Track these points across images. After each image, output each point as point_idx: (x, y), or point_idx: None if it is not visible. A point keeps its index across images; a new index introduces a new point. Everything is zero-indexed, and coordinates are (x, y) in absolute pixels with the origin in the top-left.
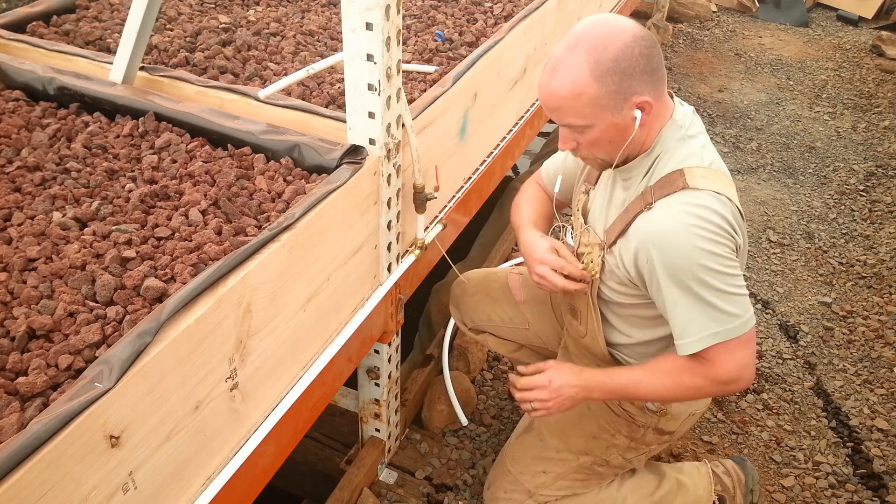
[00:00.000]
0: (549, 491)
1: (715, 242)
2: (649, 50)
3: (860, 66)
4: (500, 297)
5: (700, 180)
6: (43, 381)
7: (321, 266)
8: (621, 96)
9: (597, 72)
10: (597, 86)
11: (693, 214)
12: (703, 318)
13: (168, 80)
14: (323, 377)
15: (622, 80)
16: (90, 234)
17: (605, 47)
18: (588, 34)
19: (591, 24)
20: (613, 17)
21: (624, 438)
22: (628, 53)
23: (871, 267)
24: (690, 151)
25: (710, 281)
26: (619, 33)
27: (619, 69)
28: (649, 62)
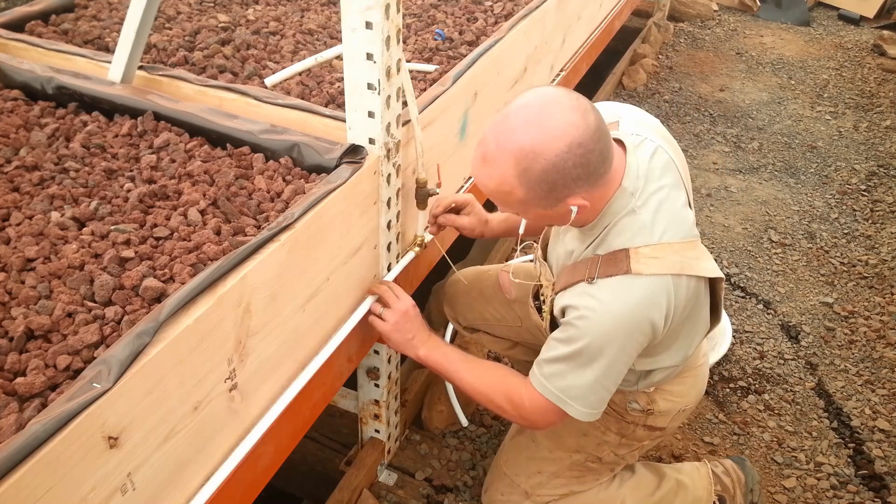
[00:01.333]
0: (546, 490)
1: (629, 342)
2: (586, 157)
3: (862, 65)
4: (491, 296)
5: (645, 263)
6: (41, 381)
7: (321, 266)
8: (552, 199)
9: (524, 179)
10: (524, 190)
11: (627, 307)
12: (571, 380)
13: (167, 80)
14: (322, 377)
15: (552, 190)
16: (89, 234)
17: (534, 157)
18: (518, 133)
19: (524, 120)
20: (555, 110)
21: (614, 435)
22: (560, 166)
23: (872, 267)
24: (639, 225)
25: (598, 365)
26: (552, 140)
27: (549, 180)
28: (586, 168)
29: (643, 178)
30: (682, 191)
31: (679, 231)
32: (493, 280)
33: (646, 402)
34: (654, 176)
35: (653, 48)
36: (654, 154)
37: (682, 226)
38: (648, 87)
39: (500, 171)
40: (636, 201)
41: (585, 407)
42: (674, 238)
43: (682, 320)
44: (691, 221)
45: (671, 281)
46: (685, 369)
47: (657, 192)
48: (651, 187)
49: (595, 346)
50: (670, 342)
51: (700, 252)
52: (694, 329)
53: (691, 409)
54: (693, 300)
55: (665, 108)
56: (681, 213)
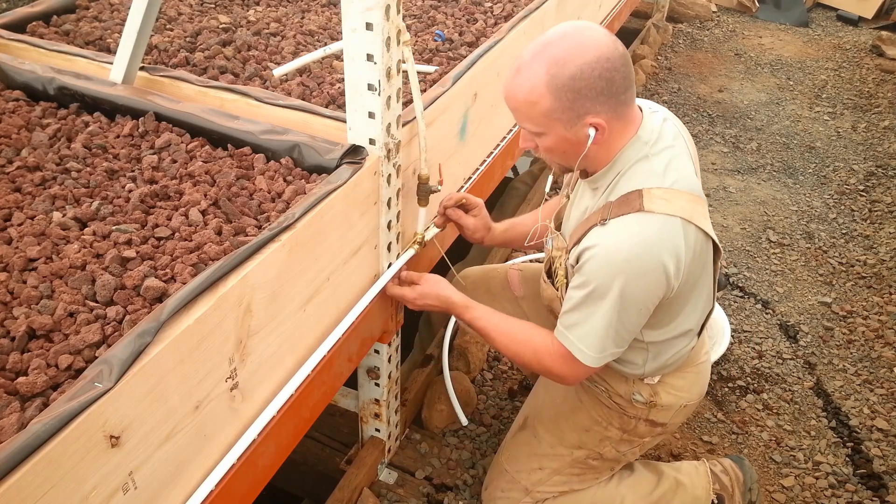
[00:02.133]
0: (546, 487)
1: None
2: (611, 73)
3: (860, 66)
4: (499, 293)
5: (658, 202)
6: (43, 381)
7: (321, 266)
8: (574, 114)
9: (552, 85)
10: (551, 99)
11: (637, 243)
12: (586, 328)
13: (168, 80)
14: (323, 377)
15: (576, 99)
16: (90, 234)
17: (565, 63)
18: (554, 44)
19: (562, 34)
20: (587, 31)
21: (616, 430)
22: (587, 74)
23: (871, 267)
24: (651, 170)
25: (610, 304)
26: (583, 51)
27: (575, 87)
28: (609, 85)
29: (657, 133)
30: (690, 161)
31: (689, 184)
32: (501, 277)
33: (649, 395)
34: (667, 136)
35: (652, 49)
36: (665, 122)
37: (692, 182)
38: (647, 87)
39: (532, 78)
40: (650, 149)
41: (593, 350)
42: (684, 188)
43: (693, 277)
44: (697, 182)
45: (681, 224)
46: (687, 364)
47: (669, 148)
48: (664, 141)
49: (606, 282)
50: (679, 307)
51: (707, 213)
52: (701, 296)
53: (693, 406)
54: (703, 257)
55: None
56: (690, 173)
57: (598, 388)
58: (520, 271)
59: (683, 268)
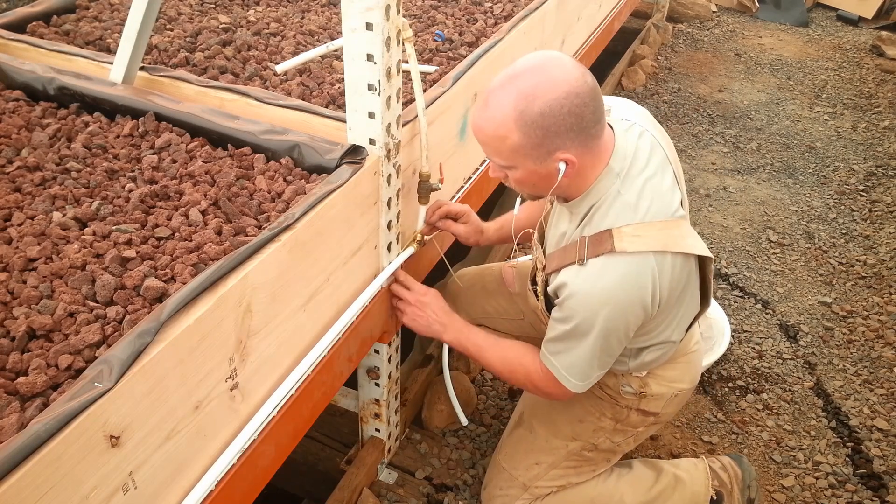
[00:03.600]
0: (544, 482)
1: (619, 318)
2: (581, 109)
3: (860, 66)
4: (494, 290)
5: (628, 241)
6: (43, 381)
7: (321, 266)
8: (544, 150)
9: (521, 122)
10: (519, 135)
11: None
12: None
13: (168, 80)
14: (323, 377)
15: (546, 136)
16: (90, 234)
17: (534, 98)
18: (523, 77)
19: (531, 66)
20: (557, 64)
21: (609, 420)
22: (556, 111)
23: (871, 267)
24: (623, 205)
25: (592, 341)
26: (552, 86)
27: (544, 125)
28: (579, 121)
29: (630, 158)
30: (669, 171)
31: (663, 210)
32: (496, 275)
33: (639, 386)
34: (642, 157)
35: (652, 49)
36: (641, 137)
37: (667, 206)
38: (647, 87)
39: (500, 112)
40: (621, 183)
41: (578, 379)
42: (657, 217)
43: (673, 298)
44: (677, 202)
45: (654, 258)
46: (677, 354)
47: (643, 171)
48: (637, 167)
49: (586, 322)
50: (661, 320)
51: (686, 231)
52: (684, 308)
53: (686, 395)
54: (682, 278)
55: (664, 109)
56: (666, 194)
57: None
58: (514, 268)
59: (660, 296)
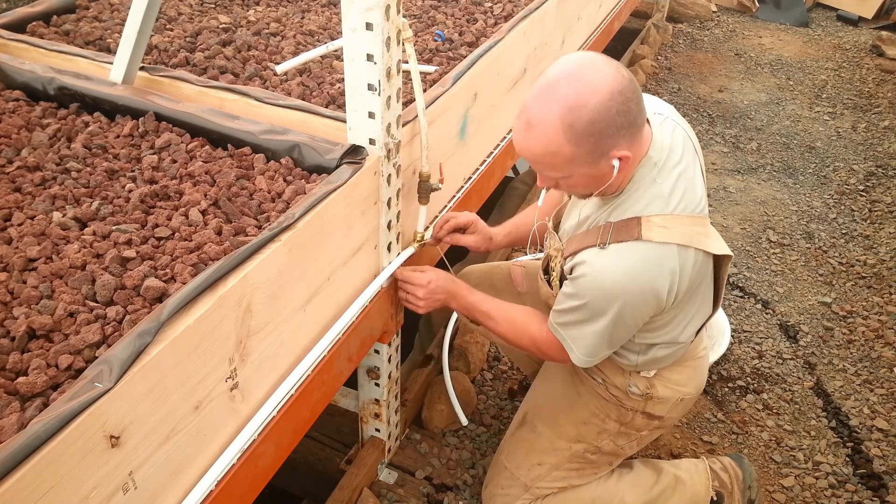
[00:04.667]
0: (545, 483)
1: (632, 306)
2: (626, 104)
3: (860, 66)
4: (502, 288)
5: (656, 231)
6: (43, 381)
7: (321, 266)
8: (598, 153)
9: (571, 134)
10: (572, 147)
11: (632, 272)
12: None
13: (168, 80)
14: (323, 377)
15: (599, 140)
16: (90, 234)
17: (580, 108)
18: (562, 90)
19: (566, 74)
20: (590, 66)
21: (614, 423)
22: (605, 115)
23: (871, 267)
24: (657, 194)
25: (601, 324)
26: (595, 91)
27: (595, 131)
28: (627, 117)
29: (667, 149)
30: (699, 167)
31: (692, 205)
32: (504, 273)
33: (645, 387)
34: (677, 150)
35: (652, 49)
36: (675, 130)
37: (696, 201)
38: (647, 87)
39: (547, 131)
40: (657, 172)
41: (584, 354)
42: (686, 211)
43: (689, 294)
44: (702, 197)
45: (678, 251)
46: (684, 358)
47: (677, 164)
48: (673, 159)
49: (597, 304)
50: (673, 315)
51: (709, 230)
52: (696, 306)
53: (690, 400)
54: (700, 275)
55: None
56: (697, 189)
57: (595, 379)
58: (522, 267)
59: (676, 290)
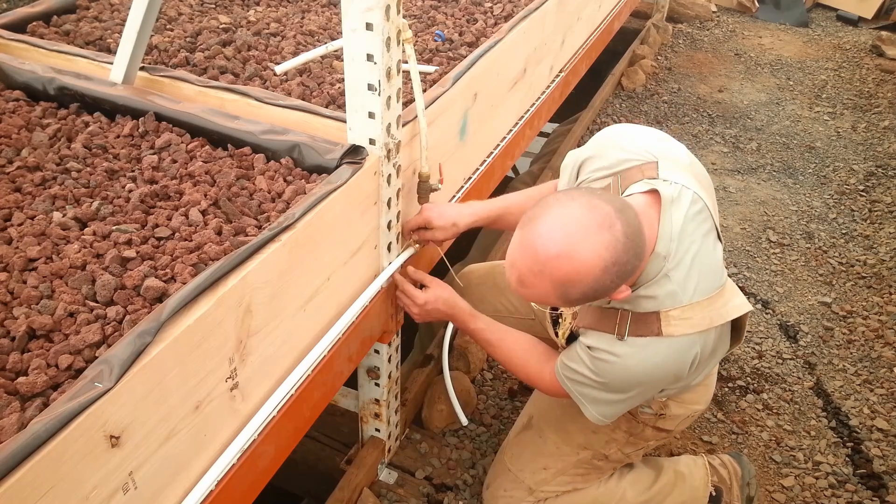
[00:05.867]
0: (550, 487)
1: (651, 388)
2: (623, 268)
3: (860, 66)
4: (505, 288)
5: (676, 325)
6: (43, 381)
7: (321, 266)
8: (597, 301)
9: (566, 300)
10: (566, 303)
11: (655, 366)
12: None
13: (168, 81)
14: (323, 377)
15: (595, 297)
16: (90, 234)
17: (573, 284)
18: (553, 266)
19: (557, 252)
20: (582, 237)
21: (623, 433)
22: (599, 286)
23: (870, 267)
24: (672, 289)
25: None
26: (588, 269)
27: (590, 295)
28: (623, 277)
29: (676, 239)
30: (713, 231)
31: (710, 285)
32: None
33: (659, 408)
34: (689, 231)
35: (652, 49)
36: (691, 206)
37: (713, 278)
38: (647, 87)
39: (539, 292)
40: (669, 264)
41: (600, 414)
42: (703, 294)
43: (709, 360)
44: (720, 264)
45: (700, 337)
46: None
47: (690, 248)
48: (685, 245)
49: (617, 386)
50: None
51: (728, 296)
52: (715, 359)
53: (700, 413)
54: (720, 340)
55: (664, 109)
56: (713, 265)
57: None
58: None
59: (697, 365)
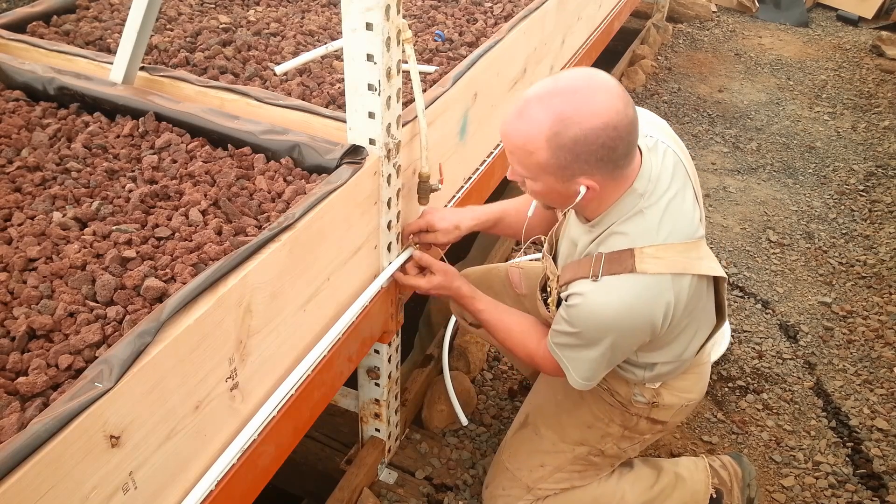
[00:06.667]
0: (547, 484)
1: (626, 335)
2: (615, 142)
3: (860, 66)
4: (501, 291)
5: (650, 262)
6: (43, 381)
7: (321, 266)
8: (569, 172)
9: (552, 143)
10: (548, 154)
11: (627, 306)
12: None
13: (168, 81)
14: (323, 377)
15: (574, 161)
16: (90, 234)
17: (572, 123)
18: (564, 97)
19: (574, 87)
20: (602, 88)
21: (618, 427)
22: (590, 140)
23: (870, 267)
24: (645, 226)
25: (596, 350)
26: (594, 114)
27: (575, 150)
28: (611, 153)
29: (654, 180)
30: (690, 188)
31: (684, 232)
32: (502, 275)
33: (651, 396)
34: (665, 178)
35: (652, 49)
36: (665, 155)
37: (687, 226)
38: (647, 87)
39: (532, 128)
40: (644, 202)
41: (581, 377)
42: (678, 239)
43: (685, 318)
44: (697, 221)
45: (672, 280)
46: (692, 366)
47: (665, 192)
48: (660, 188)
49: (591, 335)
50: (671, 338)
51: (704, 252)
52: (697, 326)
53: (694, 404)
54: (695, 298)
55: (664, 109)
56: (687, 214)
57: (600, 386)
58: (520, 269)
59: (671, 317)
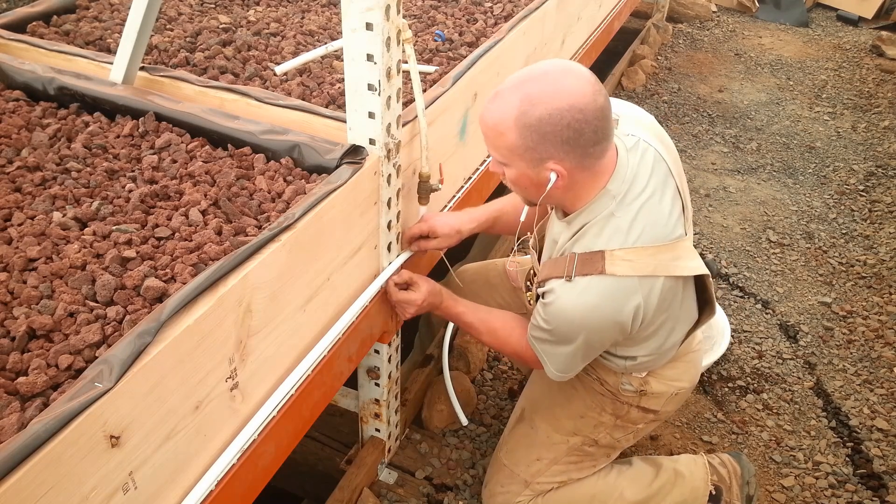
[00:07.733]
0: (545, 478)
1: (596, 335)
2: (581, 125)
3: (860, 66)
4: (498, 284)
5: (619, 265)
6: (43, 381)
7: (321, 266)
8: (537, 155)
9: (520, 122)
10: (516, 134)
11: (594, 307)
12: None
13: (168, 81)
14: (323, 377)
15: (540, 142)
16: (90, 234)
17: (538, 104)
18: (534, 81)
19: (544, 71)
20: (571, 75)
21: (609, 416)
22: (555, 120)
23: (870, 267)
24: (616, 228)
25: (568, 348)
26: (558, 96)
27: (541, 130)
28: (577, 136)
29: (629, 181)
30: (671, 186)
31: (658, 233)
32: (500, 270)
33: (639, 384)
34: (641, 179)
35: (652, 49)
36: (644, 155)
37: (662, 228)
38: (647, 87)
39: (504, 108)
40: (616, 205)
41: (557, 370)
42: (649, 241)
43: (658, 317)
44: (675, 220)
45: (640, 283)
46: (679, 355)
47: (639, 195)
48: (634, 191)
49: (563, 333)
50: (647, 335)
51: (680, 252)
52: (673, 324)
53: (685, 393)
54: (668, 299)
55: (664, 109)
56: (664, 215)
57: (590, 376)
58: (517, 263)
59: (642, 318)
